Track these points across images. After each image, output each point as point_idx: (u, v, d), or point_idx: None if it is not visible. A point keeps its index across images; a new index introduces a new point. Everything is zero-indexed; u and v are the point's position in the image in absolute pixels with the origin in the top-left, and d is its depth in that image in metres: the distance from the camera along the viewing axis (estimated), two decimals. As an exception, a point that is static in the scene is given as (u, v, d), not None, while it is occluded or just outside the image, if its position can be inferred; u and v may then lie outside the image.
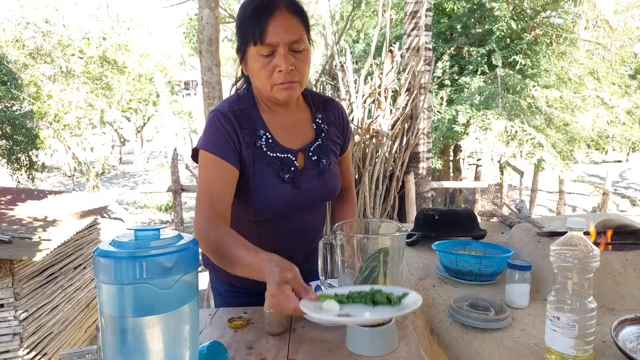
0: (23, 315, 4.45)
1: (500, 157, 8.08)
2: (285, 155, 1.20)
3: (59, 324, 5.17)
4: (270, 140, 1.19)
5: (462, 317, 1.09)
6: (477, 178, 11.69)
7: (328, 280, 1.07)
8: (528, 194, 11.70)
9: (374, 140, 4.81)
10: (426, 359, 0.92)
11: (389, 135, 4.82)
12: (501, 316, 1.07)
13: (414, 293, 0.87)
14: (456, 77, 8.10)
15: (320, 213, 1.37)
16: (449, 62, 8.04)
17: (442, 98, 7.93)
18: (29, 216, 5.15)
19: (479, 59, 7.76)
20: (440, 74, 7.71)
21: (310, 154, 1.24)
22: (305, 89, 1.29)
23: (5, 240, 4.21)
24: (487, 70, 7.81)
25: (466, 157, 11.46)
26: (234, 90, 1.32)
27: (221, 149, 1.12)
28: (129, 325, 0.70)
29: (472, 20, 8.40)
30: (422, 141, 5.20)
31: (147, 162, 22.53)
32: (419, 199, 5.27)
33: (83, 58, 11.97)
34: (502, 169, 9.35)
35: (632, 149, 14.45)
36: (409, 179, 5.10)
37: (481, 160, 6.88)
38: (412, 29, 5.13)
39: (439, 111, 7.71)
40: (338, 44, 5.49)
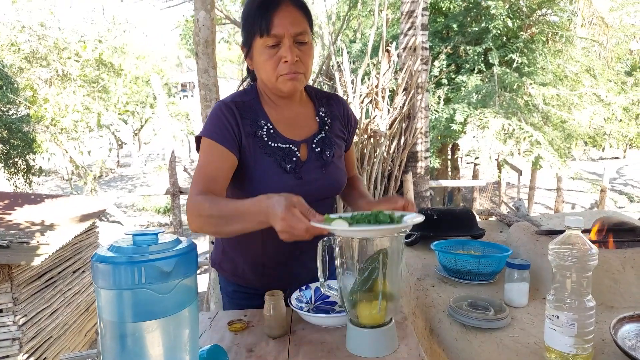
0: (22, 320, 4.44)
1: (498, 155, 8.08)
2: (287, 145, 1.20)
3: (58, 329, 5.16)
4: (271, 130, 1.20)
5: (462, 317, 1.09)
6: (475, 176, 11.71)
7: (327, 282, 1.07)
8: (526, 192, 11.72)
9: (371, 140, 4.81)
10: (426, 359, 0.92)
11: (387, 135, 4.83)
12: (500, 315, 1.07)
13: (413, 213, 0.96)
14: (453, 75, 8.11)
15: (327, 209, 1.34)
16: (445, 61, 8.05)
17: (439, 97, 7.94)
18: (26, 221, 5.13)
19: (476, 57, 7.78)
20: (437, 73, 7.72)
21: (314, 146, 1.24)
22: (309, 85, 1.32)
23: (3, 245, 4.20)
24: (484, 69, 7.82)
25: (464, 155, 11.48)
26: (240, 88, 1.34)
27: (219, 135, 1.15)
28: (128, 330, 0.70)
29: (469, 18, 8.41)
30: (420, 140, 5.21)
31: (145, 164, 22.50)
32: (417, 198, 5.28)
33: (79, 61, 11.93)
34: (500, 167, 9.36)
35: (629, 145, 14.49)
36: (407, 178, 5.10)
37: (479, 159, 6.89)
38: (409, 29, 5.14)
39: (436, 110, 7.71)
40: (335, 44, 5.49)
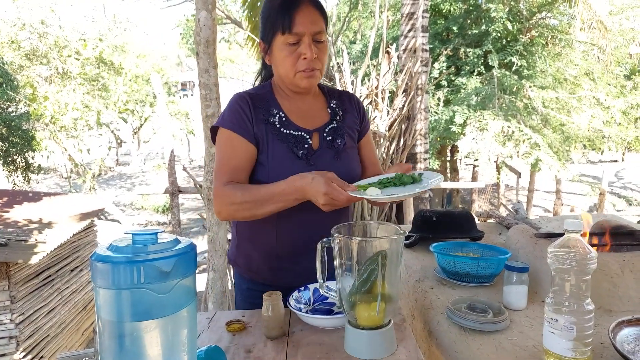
0: (19, 319, 4.42)
1: (497, 157, 8.09)
2: (299, 133, 1.25)
3: (55, 327, 5.14)
4: (284, 119, 1.25)
5: (460, 320, 1.09)
6: (474, 178, 11.72)
7: (326, 283, 1.07)
8: (525, 194, 11.73)
9: (371, 141, 4.80)
10: (425, 361, 0.92)
11: (387, 136, 4.83)
12: (499, 318, 1.07)
13: (429, 171, 1.09)
14: (453, 77, 8.12)
15: None
16: (445, 63, 8.06)
17: (439, 99, 7.95)
18: (25, 218, 5.11)
19: (476, 59, 7.79)
20: (437, 75, 7.73)
21: (325, 134, 1.28)
22: (321, 83, 1.38)
23: (1, 243, 4.19)
24: (484, 71, 7.83)
25: (463, 157, 11.48)
26: (257, 84, 1.40)
27: (237, 125, 1.20)
28: (126, 330, 0.70)
29: (469, 21, 8.43)
30: (420, 142, 5.21)
31: (144, 163, 22.49)
32: (416, 200, 5.28)
33: (79, 59, 11.93)
34: (499, 169, 9.37)
35: (628, 148, 14.51)
36: (406, 179, 5.09)
37: (478, 161, 6.90)
38: (409, 30, 5.15)
39: (435, 112, 7.72)
40: (335, 45, 5.50)
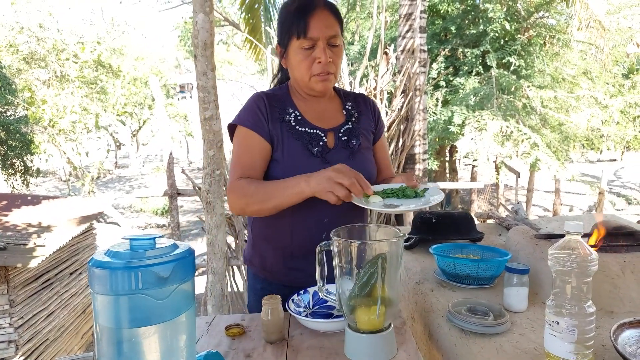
0: (18, 322, 4.41)
1: (496, 158, 8.09)
2: (314, 131, 1.26)
3: (54, 331, 5.13)
4: (299, 117, 1.27)
5: (461, 322, 1.08)
6: (473, 178, 11.73)
7: (326, 287, 1.06)
8: (524, 194, 11.74)
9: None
10: (425, 365, 0.92)
11: (385, 138, 4.82)
12: (500, 321, 1.06)
13: (433, 187, 1.10)
14: (451, 78, 8.12)
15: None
16: (443, 64, 8.06)
17: (437, 99, 7.95)
18: (23, 222, 5.10)
19: (474, 60, 7.79)
20: (436, 75, 7.73)
21: (340, 134, 1.29)
22: (336, 86, 1.40)
23: (0, 246, 4.18)
24: (482, 71, 7.83)
25: (462, 157, 11.48)
26: (272, 87, 1.43)
27: (253, 123, 1.23)
28: (124, 336, 0.69)
29: (466, 21, 8.43)
30: (418, 142, 5.20)
31: (143, 165, 22.48)
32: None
33: (77, 62, 11.92)
34: (497, 169, 9.37)
35: (627, 147, 14.52)
36: (405, 180, 5.09)
37: (477, 161, 6.90)
38: (407, 31, 5.14)
39: (434, 112, 7.72)
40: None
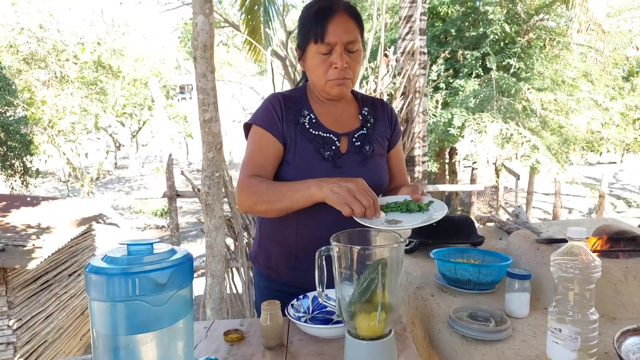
0: (17, 324, 4.40)
1: (496, 160, 8.09)
2: (328, 135, 1.25)
3: (53, 332, 5.12)
4: (313, 120, 1.26)
5: (462, 328, 1.07)
6: (473, 180, 11.71)
7: (326, 292, 1.05)
8: (524, 196, 11.73)
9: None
10: (426, 372, 0.91)
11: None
12: (501, 327, 1.05)
13: (437, 201, 1.10)
14: (451, 80, 8.12)
15: None
16: (443, 66, 8.06)
17: (437, 101, 7.94)
18: (22, 223, 5.09)
19: (474, 62, 7.79)
20: (435, 78, 7.72)
21: (354, 140, 1.28)
22: (355, 90, 1.39)
23: (-1, 248, 4.18)
24: (482, 73, 7.83)
25: (462, 159, 11.47)
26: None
27: (267, 123, 1.23)
28: (121, 342, 0.68)
29: (466, 23, 8.43)
30: (418, 145, 5.20)
31: (143, 166, 22.48)
32: (415, 203, 5.25)
33: (77, 63, 11.92)
34: (497, 171, 9.37)
35: (626, 150, 14.53)
36: (405, 182, 5.08)
37: (477, 163, 6.89)
38: (407, 33, 5.14)
39: (434, 114, 7.71)
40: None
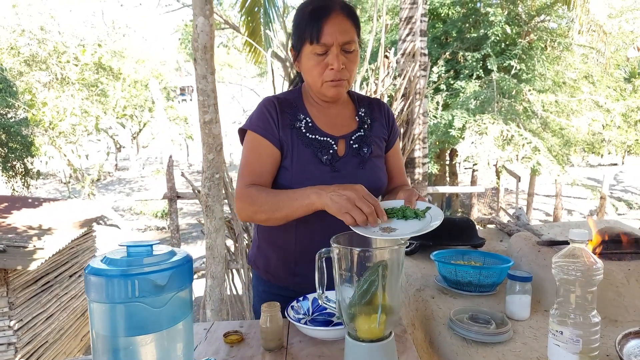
0: (18, 325, 4.40)
1: (497, 162, 8.08)
2: (325, 138, 1.24)
3: (54, 333, 5.11)
4: (310, 124, 1.24)
5: (463, 331, 1.06)
6: (473, 182, 11.71)
7: (326, 294, 1.05)
8: (525, 198, 11.72)
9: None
10: (427, 375, 0.90)
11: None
12: (502, 329, 1.05)
13: (434, 207, 1.05)
14: (452, 81, 8.11)
15: None
16: (444, 67, 8.05)
17: (437, 103, 7.93)
18: (23, 224, 5.09)
19: (474, 63, 7.78)
20: (436, 79, 7.71)
21: (352, 142, 1.27)
22: (351, 90, 1.37)
23: (0, 249, 4.17)
24: (483, 75, 7.82)
25: (462, 161, 11.46)
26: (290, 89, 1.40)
27: (263, 128, 1.21)
28: (121, 344, 0.68)
29: (467, 25, 8.43)
30: (418, 146, 5.19)
31: (143, 168, 22.49)
32: (415, 205, 5.24)
33: (78, 65, 11.93)
34: (498, 173, 9.36)
35: (628, 152, 14.51)
36: (405, 184, 5.07)
37: (477, 165, 6.88)
38: (407, 35, 5.13)
39: (434, 116, 7.70)
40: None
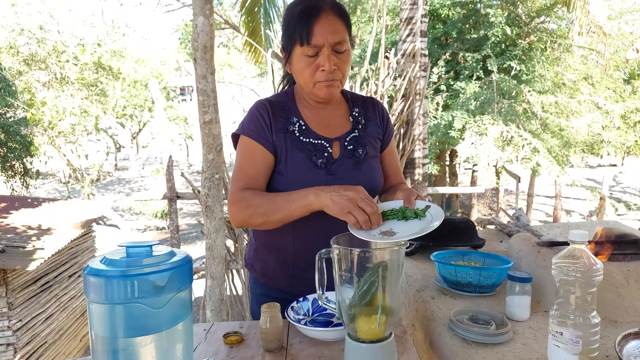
0: (17, 325, 4.39)
1: (497, 162, 8.08)
2: (319, 141, 1.22)
3: (53, 334, 5.11)
4: (303, 127, 1.22)
5: (463, 331, 1.06)
6: (473, 182, 11.71)
7: (326, 294, 1.04)
8: (524, 199, 11.73)
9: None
10: (427, 376, 0.90)
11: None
12: (502, 330, 1.04)
13: (434, 206, 1.03)
14: (452, 82, 8.12)
15: None
16: (444, 68, 8.06)
17: (437, 103, 7.94)
18: (23, 224, 5.09)
19: (474, 64, 7.78)
20: (436, 80, 7.72)
21: (346, 144, 1.25)
22: (344, 89, 1.34)
23: (-1, 249, 4.17)
24: (483, 76, 7.82)
25: (462, 162, 11.46)
26: (280, 89, 1.38)
27: (256, 132, 1.19)
28: (120, 345, 0.68)
29: (467, 26, 8.43)
30: (418, 147, 5.18)
31: (143, 168, 22.48)
32: (415, 205, 5.24)
33: (77, 64, 11.92)
34: (498, 173, 9.36)
35: (627, 153, 14.52)
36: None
37: (477, 166, 6.88)
38: (408, 35, 5.13)
39: (435, 116, 7.71)
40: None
